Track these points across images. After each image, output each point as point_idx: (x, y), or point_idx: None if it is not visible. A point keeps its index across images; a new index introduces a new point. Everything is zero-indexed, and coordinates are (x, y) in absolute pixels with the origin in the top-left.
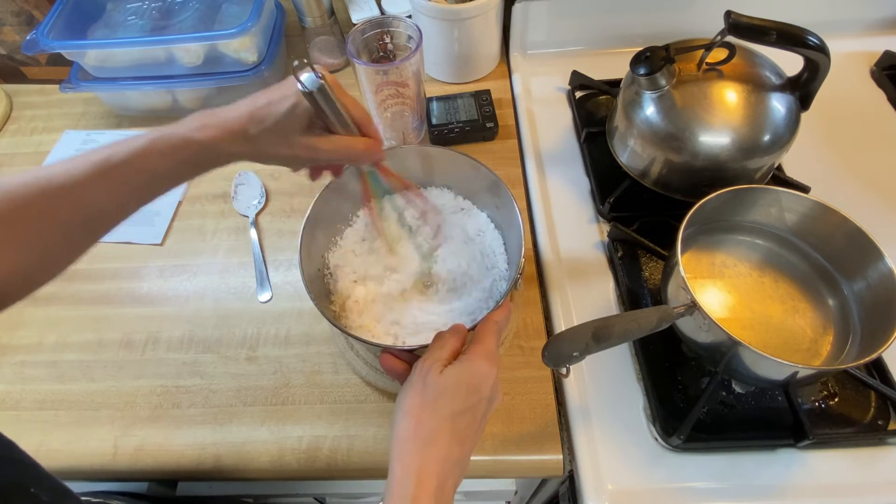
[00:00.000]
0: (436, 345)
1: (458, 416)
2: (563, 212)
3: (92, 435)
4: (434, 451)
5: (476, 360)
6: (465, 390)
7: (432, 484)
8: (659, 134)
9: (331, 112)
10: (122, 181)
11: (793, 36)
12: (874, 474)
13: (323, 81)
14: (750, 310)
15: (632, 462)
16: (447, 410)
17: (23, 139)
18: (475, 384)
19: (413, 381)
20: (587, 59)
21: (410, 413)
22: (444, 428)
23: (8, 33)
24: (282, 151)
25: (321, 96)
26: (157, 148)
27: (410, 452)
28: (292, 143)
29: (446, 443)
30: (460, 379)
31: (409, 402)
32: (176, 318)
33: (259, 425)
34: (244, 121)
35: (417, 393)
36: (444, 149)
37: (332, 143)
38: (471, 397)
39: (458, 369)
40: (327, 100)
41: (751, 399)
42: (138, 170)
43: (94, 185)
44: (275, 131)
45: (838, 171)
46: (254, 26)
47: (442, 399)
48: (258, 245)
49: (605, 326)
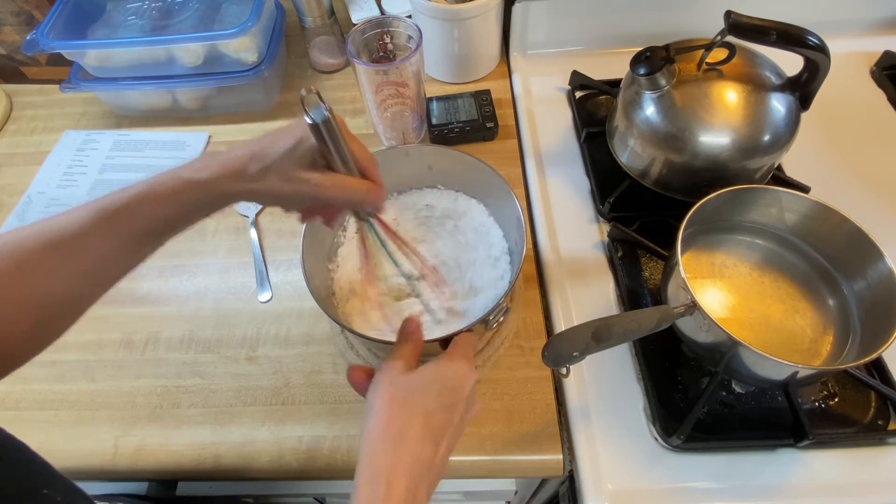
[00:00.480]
0: (400, 347)
1: (431, 414)
2: (563, 212)
3: (92, 435)
4: (404, 451)
5: (455, 359)
6: (438, 387)
7: (402, 485)
8: (659, 134)
9: (335, 149)
10: (123, 228)
11: (793, 36)
12: (874, 474)
13: (329, 114)
14: (750, 310)
15: (632, 462)
16: (419, 408)
17: (23, 139)
18: (453, 384)
19: (380, 380)
20: (587, 59)
21: (380, 411)
22: (414, 425)
23: (8, 33)
24: (281, 188)
25: (326, 129)
26: (156, 191)
27: (379, 451)
28: (292, 179)
29: (418, 441)
30: (435, 377)
31: (378, 400)
32: (176, 318)
33: (259, 425)
34: (245, 159)
35: (385, 390)
36: (446, 147)
37: (334, 180)
38: (447, 396)
39: (435, 367)
40: (332, 134)
41: (751, 399)
42: (138, 215)
43: (96, 234)
44: (275, 169)
45: (838, 171)
46: (254, 26)
47: (414, 396)
48: (258, 245)
49: (605, 326)
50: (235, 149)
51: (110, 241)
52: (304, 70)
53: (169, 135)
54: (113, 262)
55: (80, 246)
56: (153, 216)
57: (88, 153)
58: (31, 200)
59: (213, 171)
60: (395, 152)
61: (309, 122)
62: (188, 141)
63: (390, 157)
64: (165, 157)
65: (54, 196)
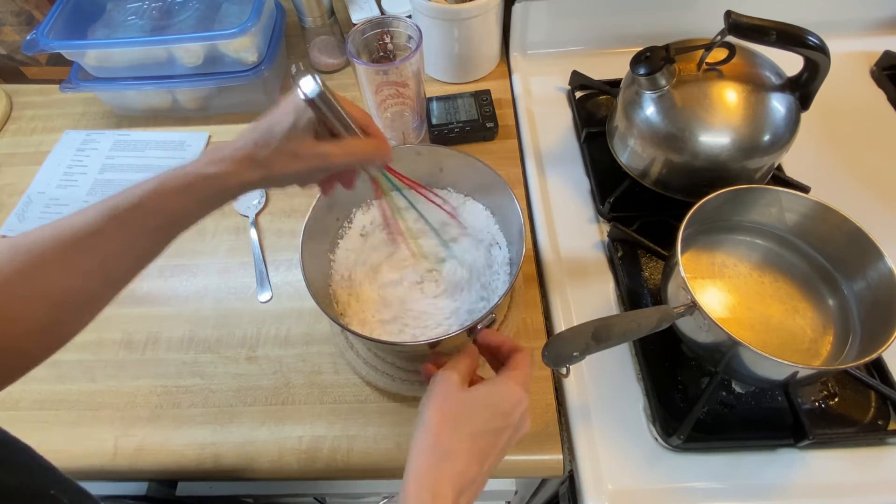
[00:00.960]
0: (456, 358)
1: (479, 437)
2: (563, 212)
3: (92, 435)
4: (451, 468)
5: (510, 383)
6: (490, 412)
7: (449, 499)
8: (659, 134)
9: (333, 116)
10: (136, 225)
11: (793, 36)
12: (874, 474)
13: (322, 87)
14: (750, 310)
15: (632, 462)
16: (468, 429)
17: (23, 139)
18: (503, 409)
19: (436, 391)
20: (587, 59)
21: (430, 427)
22: (462, 446)
23: (8, 33)
24: (294, 167)
25: (322, 101)
26: (168, 187)
27: (427, 467)
28: (303, 156)
29: (464, 461)
30: (488, 401)
31: (430, 411)
32: (176, 318)
33: (259, 425)
34: (250, 148)
35: (439, 404)
36: (447, 148)
37: (343, 147)
38: (497, 420)
39: (490, 389)
40: (329, 104)
41: (751, 399)
42: (151, 211)
43: (109, 231)
44: (282, 150)
45: (838, 171)
46: (254, 26)
47: (465, 416)
48: (258, 245)
49: (605, 326)
50: (237, 140)
51: (124, 238)
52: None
53: (169, 135)
54: (127, 259)
55: (95, 244)
56: (166, 213)
57: (88, 153)
58: (31, 200)
59: (221, 165)
60: (396, 151)
61: (304, 99)
62: (188, 141)
63: (394, 157)
64: (165, 157)
65: (54, 196)
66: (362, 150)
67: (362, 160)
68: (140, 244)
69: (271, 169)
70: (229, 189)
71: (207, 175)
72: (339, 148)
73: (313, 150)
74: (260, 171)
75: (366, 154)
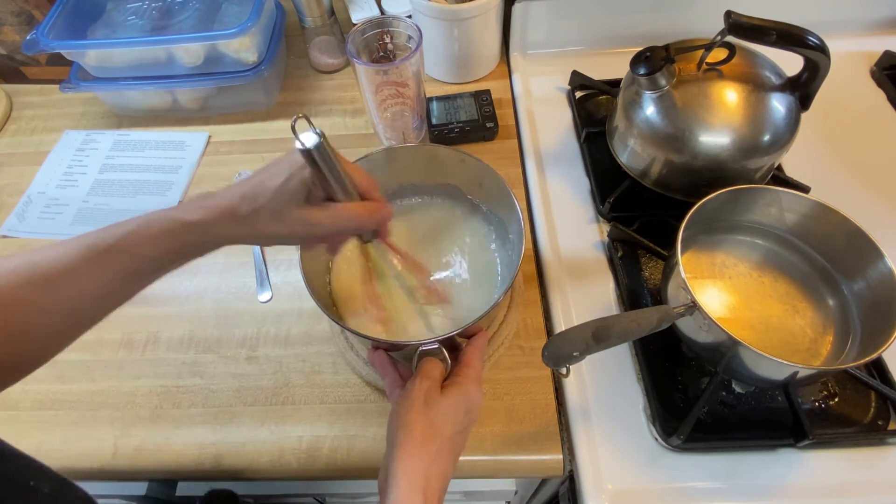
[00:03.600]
0: (430, 365)
1: (455, 436)
2: (563, 212)
3: (92, 435)
4: (437, 469)
5: (470, 384)
6: (462, 412)
7: (435, 499)
8: (659, 134)
9: (330, 174)
10: (109, 266)
11: (793, 36)
12: (874, 474)
13: (321, 138)
14: (750, 310)
15: (632, 462)
16: (449, 430)
17: (23, 139)
18: (468, 406)
19: (414, 398)
20: (587, 59)
21: (414, 429)
22: (445, 447)
23: (8, 33)
24: (276, 230)
25: (319, 154)
26: (146, 231)
27: (417, 470)
28: (286, 220)
29: (446, 460)
30: (459, 401)
31: (413, 417)
32: (176, 318)
33: (259, 425)
34: (236, 201)
35: (420, 411)
36: (447, 147)
37: (330, 213)
38: (466, 418)
39: (458, 392)
40: (325, 159)
41: (751, 399)
42: (126, 254)
43: (80, 271)
44: (268, 209)
45: (838, 171)
46: (254, 26)
47: (444, 420)
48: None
49: (605, 326)
50: (230, 189)
51: (97, 278)
52: (305, 70)
53: (169, 135)
54: (97, 300)
55: (66, 281)
56: (142, 256)
57: (88, 153)
58: (31, 200)
59: (203, 213)
60: (396, 151)
61: (301, 149)
62: (188, 141)
63: (391, 155)
64: (165, 157)
65: (54, 196)
66: (352, 215)
67: (350, 227)
68: (113, 286)
69: (250, 228)
70: (209, 241)
71: (187, 222)
72: (326, 214)
73: (298, 215)
74: (239, 227)
75: (355, 219)
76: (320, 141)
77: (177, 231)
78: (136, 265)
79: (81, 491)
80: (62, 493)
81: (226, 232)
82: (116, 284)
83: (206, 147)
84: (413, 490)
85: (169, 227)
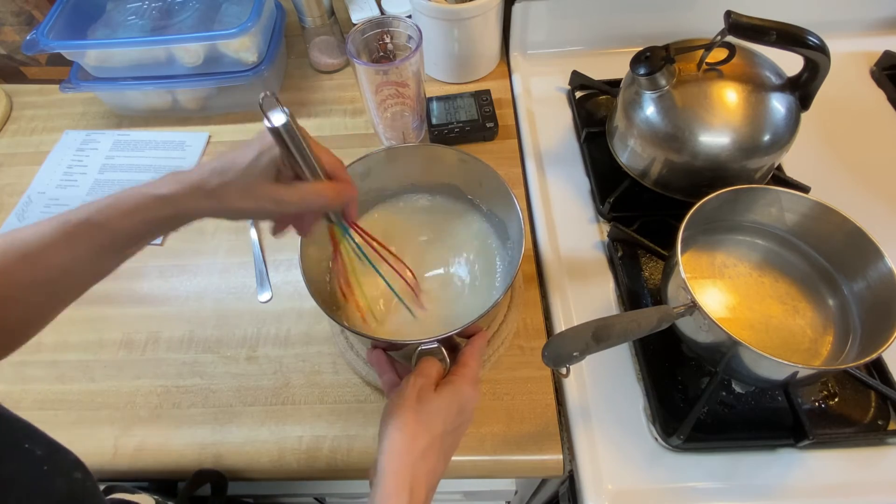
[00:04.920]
0: (427, 364)
1: (446, 435)
2: (563, 212)
3: (92, 435)
4: (424, 466)
5: (465, 384)
6: (455, 412)
7: (422, 496)
8: (659, 134)
9: (298, 153)
10: (83, 240)
11: (793, 36)
12: (874, 474)
13: (288, 117)
14: (750, 310)
15: (632, 462)
16: (439, 429)
17: (23, 139)
18: (462, 406)
19: (406, 395)
20: (587, 59)
21: (405, 428)
22: (435, 445)
23: (8, 33)
24: (245, 204)
25: (287, 133)
26: (119, 205)
27: (405, 466)
28: (255, 196)
29: (435, 458)
30: (451, 401)
31: (404, 416)
32: (176, 318)
33: (259, 425)
34: (206, 175)
35: (412, 410)
36: (447, 147)
37: (298, 192)
38: (459, 417)
39: (451, 391)
40: (293, 138)
41: (751, 399)
42: (99, 228)
43: (56, 245)
44: (237, 184)
45: (838, 171)
46: (254, 26)
47: (435, 418)
48: (258, 245)
49: (605, 326)
50: (203, 164)
51: (71, 252)
52: (304, 70)
53: (169, 135)
54: (73, 275)
55: (41, 256)
56: (115, 230)
57: (88, 153)
58: (31, 200)
59: (173, 187)
60: (396, 151)
61: (269, 127)
62: (188, 141)
63: (391, 156)
64: (165, 157)
65: (54, 196)
66: (318, 194)
67: (317, 205)
68: (88, 260)
69: (219, 201)
70: (180, 214)
71: (158, 196)
72: (295, 192)
73: (266, 191)
74: (210, 200)
75: (320, 198)
76: (287, 120)
77: (149, 205)
78: (109, 239)
79: (73, 455)
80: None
81: (196, 205)
82: (91, 258)
83: (206, 147)
84: (400, 486)
85: (141, 201)
